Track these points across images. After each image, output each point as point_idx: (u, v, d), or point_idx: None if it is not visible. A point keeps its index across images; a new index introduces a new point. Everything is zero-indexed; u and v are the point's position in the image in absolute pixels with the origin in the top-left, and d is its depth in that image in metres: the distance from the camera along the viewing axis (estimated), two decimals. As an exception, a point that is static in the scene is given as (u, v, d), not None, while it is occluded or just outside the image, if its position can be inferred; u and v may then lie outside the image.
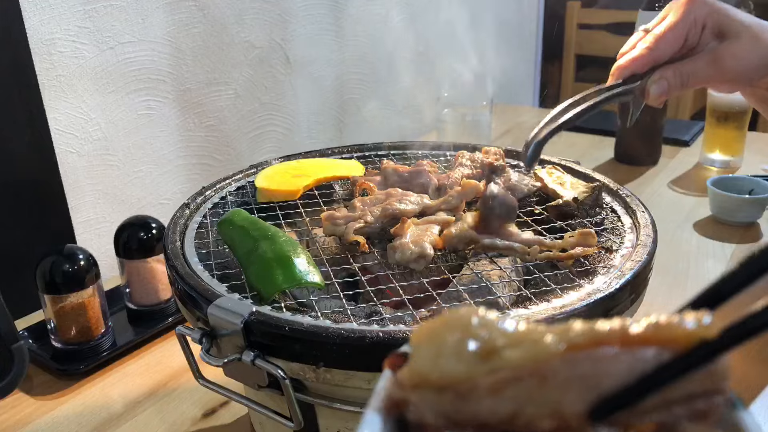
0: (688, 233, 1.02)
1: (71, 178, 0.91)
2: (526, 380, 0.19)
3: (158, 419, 0.65)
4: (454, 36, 0.94)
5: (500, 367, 0.19)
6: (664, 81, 0.59)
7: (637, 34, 0.63)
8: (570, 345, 0.19)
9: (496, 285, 0.53)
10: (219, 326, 0.45)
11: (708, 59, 0.59)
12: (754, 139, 1.39)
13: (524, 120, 1.68)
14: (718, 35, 0.59)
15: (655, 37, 0.60)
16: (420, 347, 0.20)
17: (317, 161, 0.76)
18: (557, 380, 0.19)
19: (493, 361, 0.19)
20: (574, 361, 0.19)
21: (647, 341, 0.19)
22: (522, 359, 0.19)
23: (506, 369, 0.19)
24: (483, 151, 0.74)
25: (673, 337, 0.19)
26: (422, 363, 0.20)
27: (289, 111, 1.27)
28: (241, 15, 1.12)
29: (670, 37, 0.59)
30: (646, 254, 0.52)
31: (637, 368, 0.18)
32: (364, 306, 0.55)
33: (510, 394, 0.19)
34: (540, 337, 0.19)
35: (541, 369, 0.19)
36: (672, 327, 0.19)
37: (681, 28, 0.59)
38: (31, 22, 0.83)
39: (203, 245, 0.58)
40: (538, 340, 0.19)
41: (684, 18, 0.59)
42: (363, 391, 0.43)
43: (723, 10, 0.59)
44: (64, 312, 0.71)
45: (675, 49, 0.60)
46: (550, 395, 0.19)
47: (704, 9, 0.59)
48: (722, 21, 0.59)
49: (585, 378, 0.19)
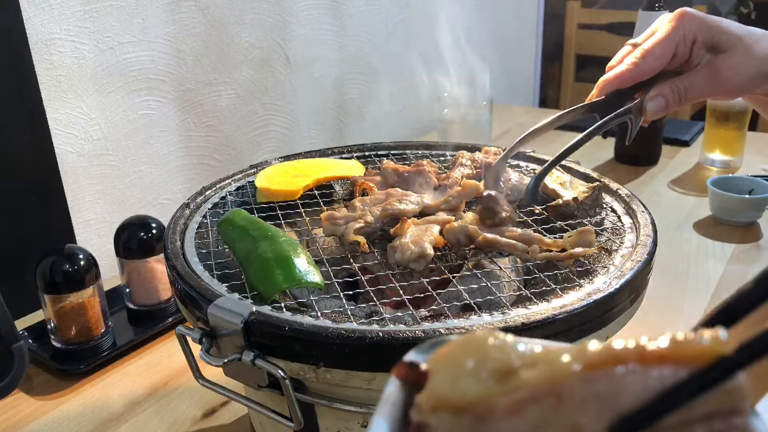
0: (688, 233, 1.02)
1: (71, 178, 0.91)
2: (543, 400, 0.19)
3: (158, 419, 0.65)
4: (454, 36, 0.94)
5: (518, 388, 0.19)
6: (661, 98, 0.58)
7: (626, 47, 0.62)
8: (586, 364, 0.19)
9: (496, 285, 0.53)
10: (219, 326, 0.45)
11: (705, 74, 0.58)
12: (754, 139, 1.39)
13: (524, 120, 1.68)
14: (711, 49, 0.59)
15: (642, 53, 0.59)
16: (438, 371, 0.20)
17: (317, 161, 0.76)
18: (574, 400, 0.19)
19: (511, 381, 0.19)
20: (591, 380, 0.19)
21: (664, 359, 0.19)
22: (539, 379, 0.19)
23: (523, 389, 0.19)
24: (483, 151, 0.74)
25: (690, 353, 0.18)
26: (441, 386, 0.20)
27: (289, 111, 1.27)
28: (241, 15, 1.12)
29: (658, 53, 0.58)
30: (646, 254, 0.52)
31: (654, 386, 0.18)
32: (364, 306, 0.55)
33: (528, 415, 0.19)
34: (556, 357, 0.20)
35: (558, 388, 0.19)
36: (689, 344, 0.19)
37: (669, 44, 0.58)
38: (31, 22, 0.83)
39: (203, 245, 0.58)
40: (554, 360, 0.19)
41: (672, 34, 0.58)
42: (363, 391, 0.43)
43: (714, 23, 0.58)
44: (64, 312, 0.71)
45: (663, 64, 0.59)
46: (568, 415, 0.19)
47: (694, 24, 0.58)
48: (715, 35, 0.58)
49: (602, 397, 0.19)
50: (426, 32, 1.60)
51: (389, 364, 0.42)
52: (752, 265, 0.92)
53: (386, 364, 0.42)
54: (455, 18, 1.47)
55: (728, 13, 2.42)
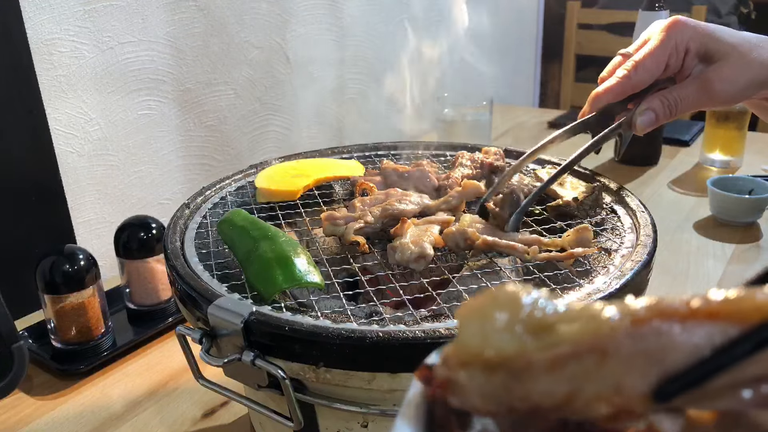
0: (688, 233, 1.02)
1: (71, 178, 0.91)
2: (586, 357, 0.17)
3: (158, 419, 0.65)
4: (454, 36, 0.94)
5: (558, 343, 0.18)
6: (651, 112, 0.57)
7: (617, 58, 0.61)
8: (634, 318, 0.18)
9: (496, 285, 0.53)
10: (219, 326, 0.45)
11: (696, 85, 0.56)
12: (754, 139, 1.39)
13: (524, 120, 1.68)
14: (704, 58, 0.57)
15: (633, 65, 0.57)
16: (468, 322, 0.19)
17: (317, 161, 0.76)
18: (620, 356, 0.17)
19: (549, 336, 0.18)
20: (638, 336, 0.17)
21: (716, 315, 0.17)
22: (581, 333, 0.18)
23: (565, 344, 0.18)
24: (483, 151, 0.74)
25: (742, 311, 0.17)
26: (472, 338, 0.18)
27: (289, 111, 1.27)
28: (241, 15, 1.12)
29: (650, 64, 0.57)
30: (646, 254, 0.52)
31: (703, 345, 0.17)
32: (364, 306, 0.55)
33: (568, 373, 0.17)
34: (598, 312, 0.18)
35: (602, 344, 0.17)
36: (742, 300, 0.17)
37: (661, 55, 0.57)
38: (31, 22, 0.83)
39: (203, 245, 0.58)
40: (597, 315, 0.18)
41: (664, 44, 0.57)
42: (363, 391, 0.43)
43: (707, 32, 0.57)
44: (64, 312, 0.71)
45: (655, 76, 0.58)
46: (612, 373, 0.17)
47: (686, 33, 0.56)
48: (707, 44, 0.56)
49: (649, 354, 0.17)
50: (426, 32, 1.60)
51: (389, 364, 0.42)
52: (752, 265, 0.92)
53: (386, 364, 0.42)
54: (455, 18, 1.47)
55: (728, 13, 2.42)
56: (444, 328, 0.43)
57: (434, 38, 0.94)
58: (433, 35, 0.96)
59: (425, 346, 0.41)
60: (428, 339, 0.41)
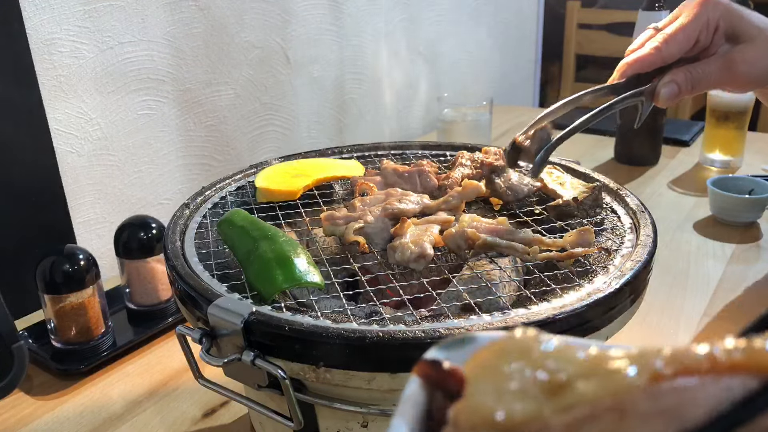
0: (688, 233, 1.02)
1: (71, 178, 0.91)
2: (603, 417, 0.16)
3: (158, 419, 0.65)
4: (454, 36, 0.94)
5: (574, 404, 0.17)
6: (674, 84, 0.58)
7: (648, 31, 0.62)
8: (653, 375, 0.17)
9: (496, 285, 0.53)
10: (219, 326, 0.45)
11: (720, 64, 0.57)
12: (754, 139, 1.39)
13: (524, 120, 1.68)
14: (730, 38, 0.58)
15: (665, 37, 0.58)
16: (478, 381, 0.18)
17: (317, 161, 0.76)
18: (638, 414, 0.16)
19: (565, 396, 0.17)
20: (656, 394, 0.17)
21: (737, 368, 0.17)
22: (599, 393, 0.17)
23: (582, 406, 0.17)
24: (483, 151, 0.74)
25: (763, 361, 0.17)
26: (484, 400, 0.17)
27: (289, 111, 1.27)
28: (241, 15, 1.12)
29: (681, 38, 0.58)
30: (646, 254, 0.52)
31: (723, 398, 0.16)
32: (364, 306, 0.55)
33: None
34: (614, 367, 0.17)
35: (620, 404, 0.17)
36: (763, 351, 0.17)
37: (692, 30, 0.57)
38: (31, 22, 0.83)
39: (203, 245, 0.58)
40: (614, 371, 0.17)
41: (696, 19, 0.57)
42: (363, 391, 0.43)
43: (737, 12, 0.58)
44: (64, 312, 0.71)
45: (684, 50, 0.58)
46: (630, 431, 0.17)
47: (718, 11, 0.57)
48: (736, 23, 0.57)
49: (668, 411, 0.16)
50: (426, 32, 1.60)
51: (389, 364, 0.42)
52: (752, 265, 0.92)
53: (386, 364, 0.42)
54: (455, 18, 1.47)
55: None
56: (444, 328, 0.43)
57: (434, 38, 0.94)
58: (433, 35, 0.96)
59: (425, 346, 0.41)
60: (428, 339, 0.41)
